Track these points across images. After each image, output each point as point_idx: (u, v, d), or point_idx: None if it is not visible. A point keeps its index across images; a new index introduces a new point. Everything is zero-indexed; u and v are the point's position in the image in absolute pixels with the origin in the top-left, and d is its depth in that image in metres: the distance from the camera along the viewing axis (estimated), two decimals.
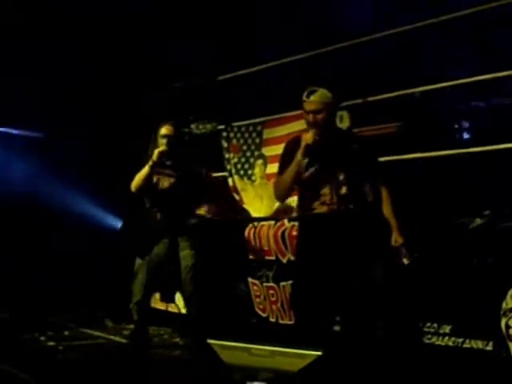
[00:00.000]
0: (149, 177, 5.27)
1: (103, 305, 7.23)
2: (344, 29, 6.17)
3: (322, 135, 4.18)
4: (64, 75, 7.65)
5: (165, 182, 5.36)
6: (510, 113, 5.49)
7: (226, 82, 7.38)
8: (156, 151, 5.20)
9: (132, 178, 5.32)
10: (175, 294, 6.16)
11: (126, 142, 7.42)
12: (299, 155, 4.21)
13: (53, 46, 7.50)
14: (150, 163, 5.19)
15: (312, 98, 4.20)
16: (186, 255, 5.34)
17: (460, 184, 5.40)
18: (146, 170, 5.23)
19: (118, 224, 7.92)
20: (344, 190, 4.21)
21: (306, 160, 4.22)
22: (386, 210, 4.28)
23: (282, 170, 4.38)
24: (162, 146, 5.25)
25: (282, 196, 4.56)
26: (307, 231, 4.43)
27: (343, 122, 6.05)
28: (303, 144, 4.19)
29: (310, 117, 4.23)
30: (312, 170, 4.24)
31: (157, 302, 6.37)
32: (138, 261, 5.56)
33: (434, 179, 5.50)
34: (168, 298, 6.21)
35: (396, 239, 4.22)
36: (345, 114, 6.04)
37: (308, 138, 4.18)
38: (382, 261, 4.32)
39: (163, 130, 5.30)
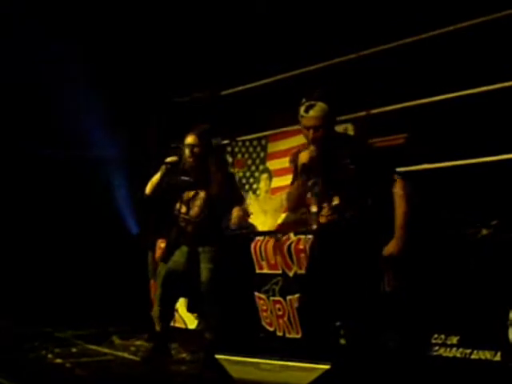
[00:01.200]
0: (162, 183, 5.43)
1: (111, 321, 7.22)
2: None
3: (320, 151, 4.16)
4: None
5: (190, 192, 5.41)
6: None
7: (230, 97, 7.41)
8: (166, 160, 5.41)
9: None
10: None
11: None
12: (298, 175, 4.26)
13: None
14: (161, 171, 5.43)
15: (311, 113, 4.08)
16: (204, 269, 5.34)
17: (467, 194, 5.39)
18: (157, 176, 5.47)
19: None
20: (336, 200, 4.20)
21: (306, 177, 4.25)
22: (397, 212, 4.10)
23: (292, 181, 4.44)
24: (186, 155, 5.38)
25: (290, 208, 4.74)
26: (310, 244, 4.46)
27: None
28: (299, 164, 4.20)
29: (310, 133, 4.13)
30: (310, 182, 4.27)
31: None
32: (160, 268, 5.58)
33: (440, 189, 5.49)
34: (194, 309, 6.20)
35: (388, 248, 4.08)
36: (349, 126, 6.06)
37: (302, 159, 4.17)
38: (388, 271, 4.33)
39: (187, 140, 5.39)
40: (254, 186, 7.06)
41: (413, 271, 4.65)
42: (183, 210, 5.43)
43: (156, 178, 5.48)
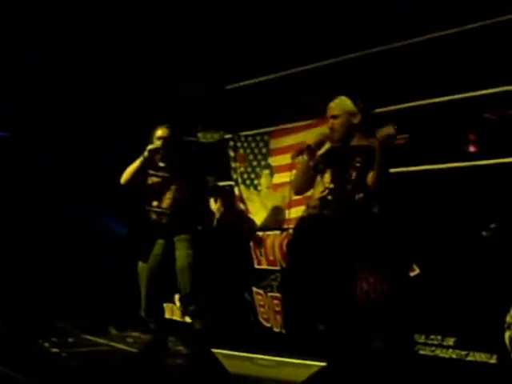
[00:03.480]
0: (138, 173, 5.39)
1: (107, 311, 7.23)
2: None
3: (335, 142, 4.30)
4: None
5: (159, 184, 5.41)
6: None
7: (235, 92, 7.41)
8: (147, 148, 5.33)
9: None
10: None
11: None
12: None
13: None
14: (141, 158, 5.35)
15: (332, 104, 4.47)
16: (180, 255, 5.34)
17: (466, 196, 5.39)
18: (136, 163, 5.39)
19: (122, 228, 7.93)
20: (329, 196, 4.27)
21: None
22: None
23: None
24: (156, 146, 5.39)
25: (295, 191, 4.79)
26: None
27: None
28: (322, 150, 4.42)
29: (329, 123, 4.45)
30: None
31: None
32: (140, 264, 5.55)
33: (440, 192, 5.49)
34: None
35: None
36: None
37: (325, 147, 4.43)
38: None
39: (159, 132, 5.44)
40: (256, 182, 7.05)
41: (409, 273, 4.66)
42: (155, 203, 5.43)
43: (134, 165, 5.40)
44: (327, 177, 4.41)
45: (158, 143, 5.37)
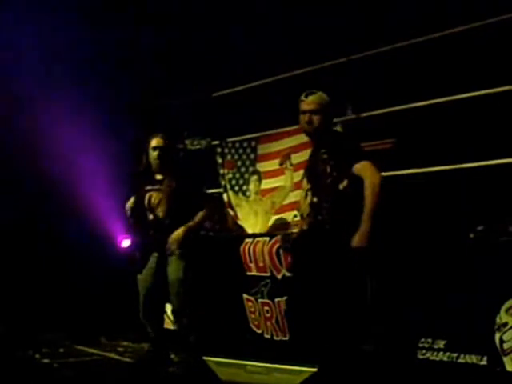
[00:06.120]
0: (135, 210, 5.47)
1: (98, 321, 7.21)
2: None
3: (315, 139, 4.23)
4: None
5: (155, 198, 5.40)
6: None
7: (221, 99, 7.41)
8: (128, 206, 5.45)
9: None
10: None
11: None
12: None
13: None
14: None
15: (310, 98, 4.32)
16: (172, 270, 5.34)
17: (454, 199, 5.41)
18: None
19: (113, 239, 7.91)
20: (314, 199, 4.26)
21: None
22: (366, 201, 4.13)
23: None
24: (152, 157, 5.38)
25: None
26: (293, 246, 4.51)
27: None
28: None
29: (306, 116, 4.33)
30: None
31: None
32: (139, 276, 5.55)
33: (427, 195, 5.51)
34: None
35: (355, 240, 4.10)
36: (339, 129, 6.07)
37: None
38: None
39: (153, 142, 5.41)
40: (244, 188, 7.05)
41: (399, 274, 4.68)
42: (150, 217, 5.43)
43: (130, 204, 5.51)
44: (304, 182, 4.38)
45: (154, 154, 5.37)
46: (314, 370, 3.56)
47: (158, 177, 5.45)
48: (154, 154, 5.38)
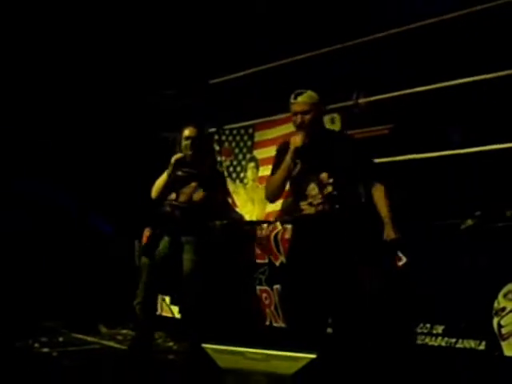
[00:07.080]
0: (168, 184, 5.30)
1: (97, 310, 7.22)
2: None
3: (310, 136, 4.20)
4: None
5: (181, 178, 5.36)
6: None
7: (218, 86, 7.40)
8: (173, 159, 5.25)
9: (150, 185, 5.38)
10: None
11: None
12: (288, 158, 4.23)
13: None
14: (169, 171, 5.24)
15: (299, 99, 4.23)
16: (186, 260, 5.31)
17: (451, 185, 5.42)
18: (164, 177, 5.28)
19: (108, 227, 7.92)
20: (330, 189, 4.22)
21: (296, 163, 4.25)
22: (380, 204, 4.21)
23: (273, 171, 4.41)
24: (185, 147, 5.31)
25: (271, 197, 4.55)
26: (296, 233, 4.46)
27: (335, 124, 6.09)
28: (292, 147, 4.20)
29: (298, 118, 4.25)
30: (296, 169, 4.26)
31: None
32: (143, 259, 5.51)
33: (425, 181, 5.52)
34: (178, 302, 6.14)
35: (388, 234, 4.17)
36: (336, 116, 6.07)
37: (297, 141, 4.18)
38: (374, 262, 4.36)
39: (186, 132, 5.36)
40: (241, 175, 7.06)
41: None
42: (173, 196, 5.40)
43: (162, 179, 5.31)
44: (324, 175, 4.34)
45: (186, 143, 5.33)
46: (313, 356, 3.55)
47: (191, 164, 5.42)
48: (186, 143, 5.36)
